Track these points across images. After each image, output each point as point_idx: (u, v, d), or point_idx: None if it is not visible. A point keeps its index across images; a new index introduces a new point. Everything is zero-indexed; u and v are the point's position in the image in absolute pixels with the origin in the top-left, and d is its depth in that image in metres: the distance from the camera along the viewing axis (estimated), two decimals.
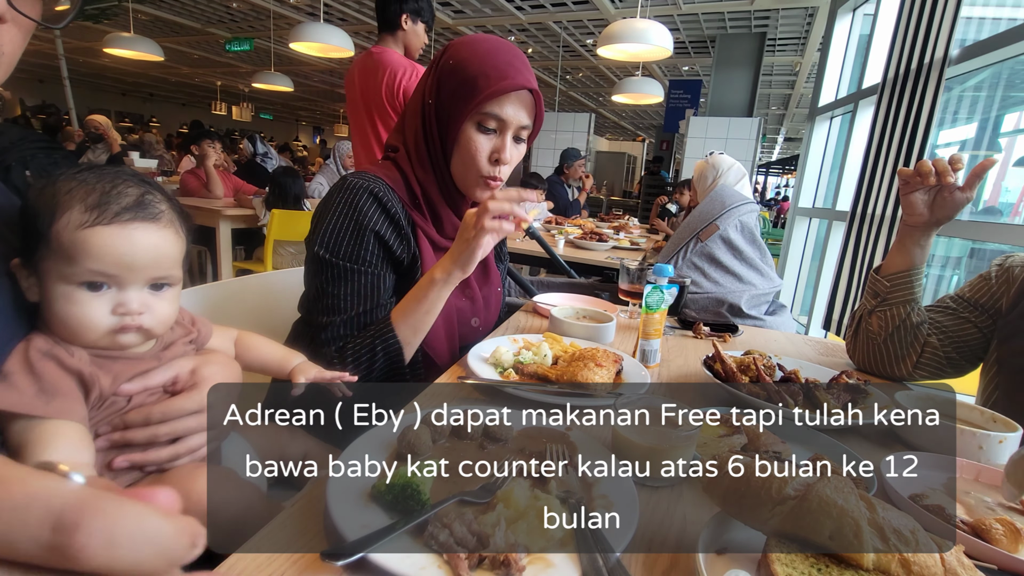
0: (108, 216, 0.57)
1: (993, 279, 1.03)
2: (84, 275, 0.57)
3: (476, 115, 0.95)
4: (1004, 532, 0.52)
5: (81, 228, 0.56)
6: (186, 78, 14.07)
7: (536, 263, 3.26)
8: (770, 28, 6.66)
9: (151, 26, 8.85)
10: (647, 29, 3.45)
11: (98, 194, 0.57)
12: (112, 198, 0.58)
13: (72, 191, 0.57)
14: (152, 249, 0.60)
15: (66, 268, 0.56)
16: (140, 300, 0.60)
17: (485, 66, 0.94)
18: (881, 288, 1.06)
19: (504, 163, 0.98)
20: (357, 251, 0.95)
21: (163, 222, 0.61)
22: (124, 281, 0.59)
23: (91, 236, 0.56)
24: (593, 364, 0.86)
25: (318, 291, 0.96)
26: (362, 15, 7.23)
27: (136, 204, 0.59)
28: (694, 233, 1.54)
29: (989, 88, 3.13)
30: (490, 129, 0.96)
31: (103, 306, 0.59)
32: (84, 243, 0.56)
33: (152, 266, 0.60)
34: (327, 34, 4.71)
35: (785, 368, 0.94)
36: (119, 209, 0.57)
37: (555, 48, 8.21)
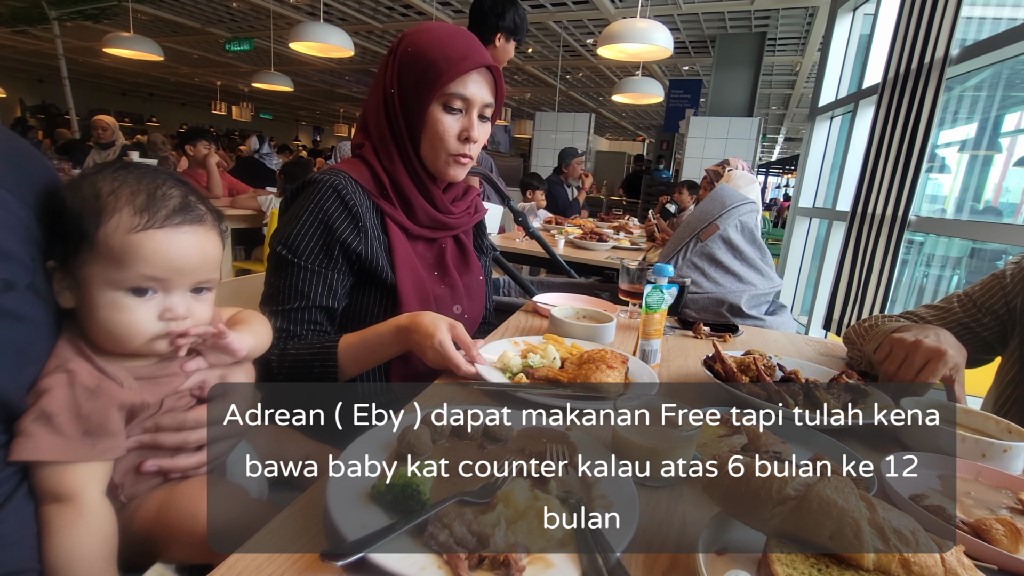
0: (159, 219, 0.55)
1: (1008, 278, 1.03)
2: (135, 280, 0.55)
3: (442, 96, 0.98)
4: (1004, 532, 0.52)
5: (133, 232, 0.54)
6: (186, 78, 14.06)
7: (536, 263, 3.25)
8: (770, 28, 6.65)
9: (151, 26, 8.84)
10: (647, 29, 3.45)
11: (145, 196, 0.56)
12: (159, 200, 0.56)
13: (116, 192, 0.55)
14: (200, 252, 0.59)
15: (116, 273, 0.54)
16: (185, 305, 0.59)
17: (446, 49, 0.97)
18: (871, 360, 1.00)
19: (473, 140, 1.01)
20: (304, 246, 0.96)
21: (208, 224, 0.60)
22: (172, 285, 0.58)
23: (144, 240, 0.55)
24: (604, 366, 0.86)
25: (267, 279, 1.00)
26: (362, 15, 7.23)
27: (183, 206, 0.58)
28: (694, 233, 1.54)
29: (990, 88, 3.13)
30: (456, 109, 0.99)
31: (150, 312, 0.57)
32: (137, 247, 0.54)
33: (199, 269, 0.59)
34: (327, 34, 4.72)
35: (785, 368, 0.94)
36: (168, 212, 0.56)
37: (555, 48, 8.21)
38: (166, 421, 0.59)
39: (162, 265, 0.56)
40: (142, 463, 0.58)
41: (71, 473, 0.52)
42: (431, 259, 1.11)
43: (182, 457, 0.60)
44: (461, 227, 1.15)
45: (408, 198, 1.04)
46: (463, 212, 1.14)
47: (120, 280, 0.55)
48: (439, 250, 1.12)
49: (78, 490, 0.52)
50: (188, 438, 0.60)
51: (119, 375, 0.56)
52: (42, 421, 0.50)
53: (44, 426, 0.50)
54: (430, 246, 1.12)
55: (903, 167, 2.60)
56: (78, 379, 0.53)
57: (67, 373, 0.53)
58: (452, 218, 1.11)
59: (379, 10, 7.13)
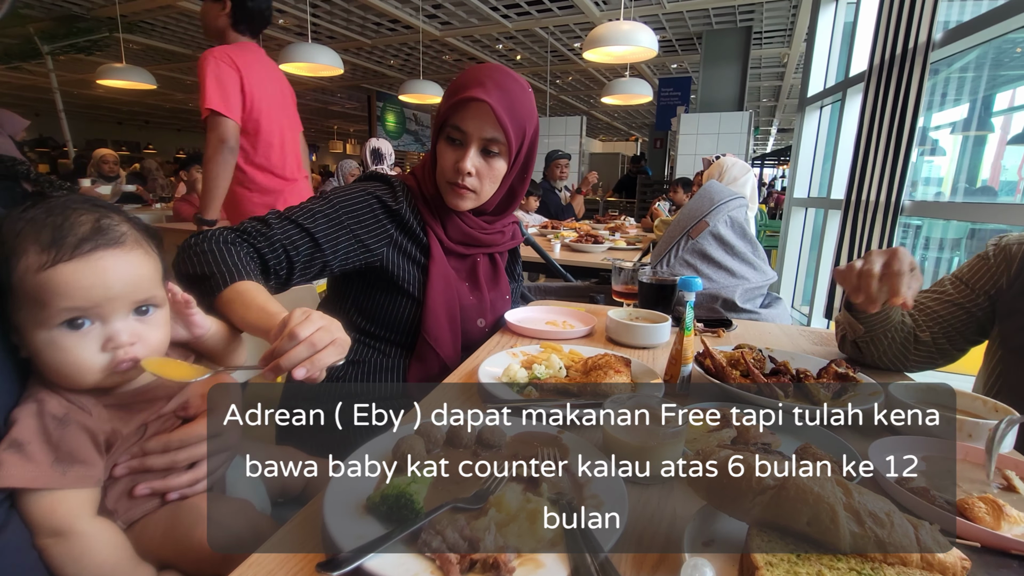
0: (67, 251, 0.53)
1: (991, 258, 1.04)
2: (60, 315, 0.54)
3: (445, 128, 1.05)
4: (987, 510, 0.53)
5: (42, 270, 0.52)
6: (180, 104, 14.17)
7: (534, 269, 3.27)
8: (755, 21, 6.68)
9: (143, 55, 8.94)
10: (631, 31, 3.47)
11: (50, 230, 0.54)
12: (66, 231, 0.54)
13: (22, 232, 0.54)
14: (123, 274, 0.57)
15: (40, 313, 0.53)
16: (129, 330, 0.58)
17: (456, 84, 1.04)
18: (858, 329, 1.02)
19: (462, 171, 1.03)
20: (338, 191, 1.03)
21: (128, 244, 0.58)
22: (105, 313, 0.56)
23: (54, 276, 0.53)
24: (612, 371, 0.87)
25: None
26: (350, 32, 7.30)
27: (94, 232, 0.55)
28: (684, 231, 1.56)
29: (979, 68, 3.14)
30: (455, 140, 1.04)
31: (91, 344, 0.56)
32: (49, 283, 0.53)
33: (130, 292, 0.57)
34: (316, 53, 4.76)
35: (776, 360, 0.95)
36: (76, 241, 0.54)
37: (543, 54, 8.26)
38: (152, 444, 0.61)
39: (81, 296, 0.54)
40: (134, 487, 0.59)
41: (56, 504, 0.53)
42: (464, 271, 1.17)
43: (173, 477, 0.61)
44: (494, 245, 1.19)
45: (442, 214, 1.11)
46: (496, 231, 1.18)
47: (46, 319, 0.54)
48: (472, 264, 1.18)
49: (69, 523, 0.53)
50: (176, 457, 0.61)
51: (87, 404, 0.57)
52: (13, 449, 0.51)
53: (15, 454, 0.51)
54: (463, 260, 1.17)
55: (893, 153, 2.62)
56: (47, 408, 0.54)
57: (36, 403, 0.54)
58: (484, 234, 1.15)
59: (367, 27, 7.20)
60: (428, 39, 7.38)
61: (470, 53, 8.32)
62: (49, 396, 0.56)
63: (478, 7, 6.27)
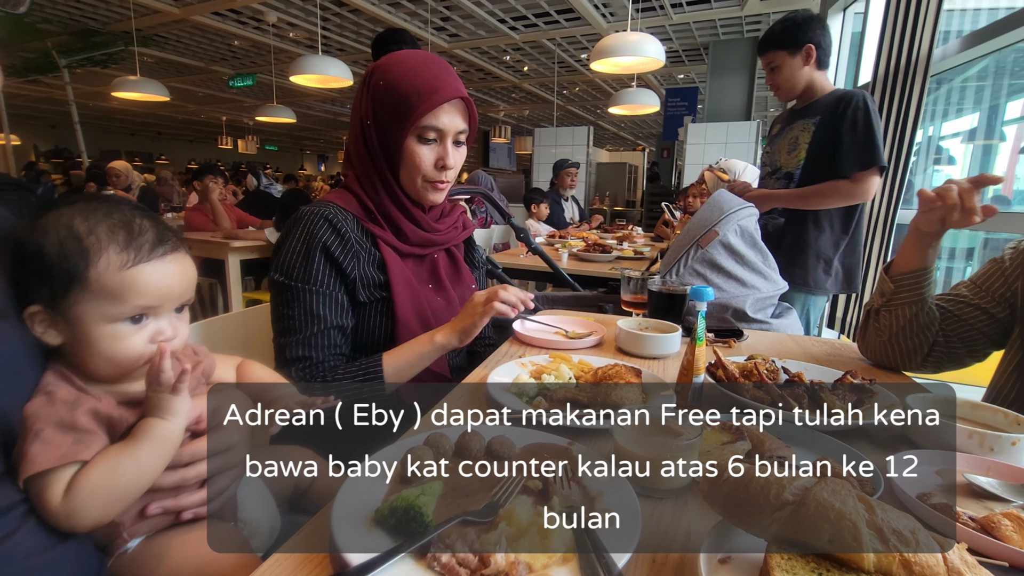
0: (145, 253, 0.59)
1: (1007, 261, 1.02)
2: (132, 311, 0.59)
3: (416, 129, 1.01)
4: (1013, 528, 0.51)
5: (124, 268, 0.58)
6: (192, 115, 14.41)
7: (542, 278, 3.26)
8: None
9: (156, 68, 9.10)
10: (638, 41, 3.49)
11: (124, 232, 0.59)
12: (137, 232, 0.60)
13: (95, 231, 0.58)
14: (184, 277, 0.64)
15: (113, 308, 0.58)
16: (172, 325, 0.63)
17: (416, 83, 0.99)
18: (886, 289, 1.06)
19: (449, 168, 1.04)
20: (308, 272, 0.99)
21: (183, 249, 0.64)
22: (161, 310, 0.62)
23: (136, 275, 0.59)
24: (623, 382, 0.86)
25: (276, 314, 1.02)
26: (360, 44, 7.39)
27: (159, 238, 0.62)
28: (694, 240, 1.54)
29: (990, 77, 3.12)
30: (430, 139, 1.03)
31: (144, 336, 0.61)
32: (131, 282, 0.58)
33: (184, 292, 0.64)
34: (326, 65, 4.83)
35: (790, 371, 0.94)
36: (151, 245, 0.60)
37: (550, 65, 8.32)
38: None
39: (156, 295, 0.60)
40: (146, 506, 0.59)
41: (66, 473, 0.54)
42: (424, 273, 1.16)
43: (184, 496, 0.61)
44: (449, 242, 1.19)
45: (395, 221, 1.08)
46: (449, 228, 1.18)
47: (118, 313, 0.59)
48: (431, 263, 1.17)
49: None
50: (186, 474, 0.61)
51: (97, 393, 0.59)
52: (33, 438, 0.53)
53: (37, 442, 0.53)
54: (421, 261, 1.16)
55: (893, 164, 2.62)
56: (57, 396, 0.57)
57: (47, 395, 0.57)
58: (439, 235, 1.15)
59: None
60: (436, 50, 7.46)
61: (478, 64, 8.39)
62: (60, 387, 0.58)
63: (486, 19, 6.33)
